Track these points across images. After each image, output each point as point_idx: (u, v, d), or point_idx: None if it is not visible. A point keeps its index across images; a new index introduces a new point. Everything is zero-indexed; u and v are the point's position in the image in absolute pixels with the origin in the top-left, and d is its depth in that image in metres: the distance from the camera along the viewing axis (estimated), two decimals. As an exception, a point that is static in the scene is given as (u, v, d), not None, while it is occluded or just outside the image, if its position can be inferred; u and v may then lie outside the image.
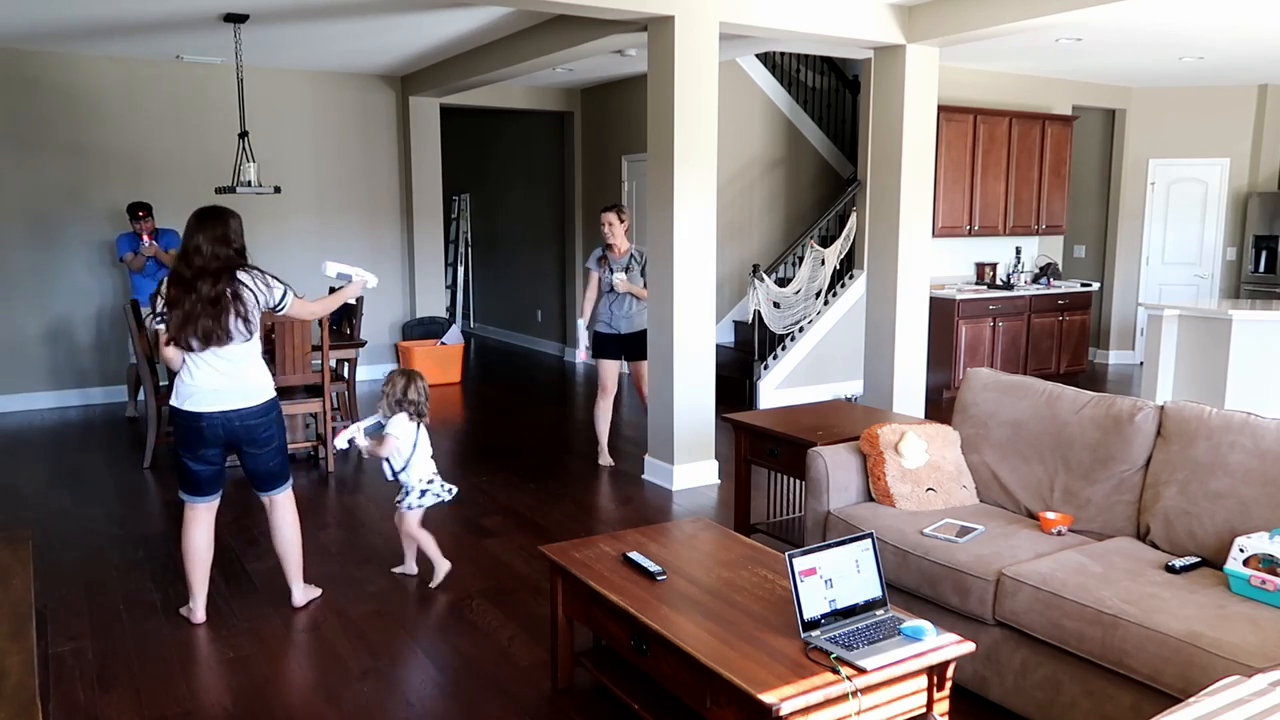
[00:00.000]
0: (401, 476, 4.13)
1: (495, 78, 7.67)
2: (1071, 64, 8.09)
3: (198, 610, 3.78)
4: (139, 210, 7.03)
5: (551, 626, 3.20)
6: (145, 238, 7.02)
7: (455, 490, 4.26)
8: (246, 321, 3.54)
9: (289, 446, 5.97)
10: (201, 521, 3.70)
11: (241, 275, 3.56)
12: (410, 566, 4.32)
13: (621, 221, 5.80)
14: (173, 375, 3.65)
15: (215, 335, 3.48)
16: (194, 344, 3.48)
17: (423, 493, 4.15)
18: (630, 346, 5.88)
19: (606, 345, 5.91)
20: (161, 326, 3.53)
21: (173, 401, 3.59)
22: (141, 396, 7.34)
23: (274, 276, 3.70)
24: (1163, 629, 2.57)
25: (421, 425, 4.19)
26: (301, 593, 3.93)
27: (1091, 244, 9.98)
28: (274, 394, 3.72)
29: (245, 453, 3.66)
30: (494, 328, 11.93)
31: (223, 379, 3.55)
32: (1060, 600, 2.80)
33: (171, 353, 3.56)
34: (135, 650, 3.53)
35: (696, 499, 5.34)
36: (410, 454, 4.12)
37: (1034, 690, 2.89)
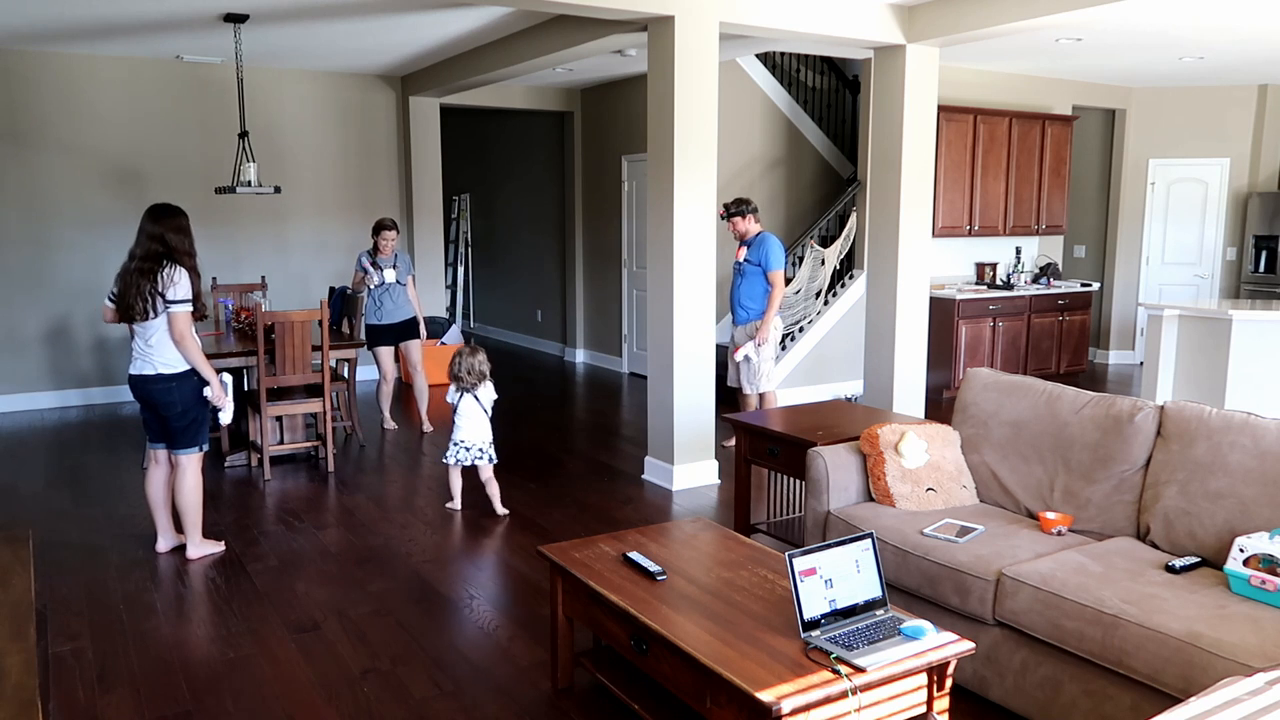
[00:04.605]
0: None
1: (495, 78, 7.67)
2: (1071, 64, 8.08)
3: None
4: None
5: (551, 626, 3.20)
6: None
7: (483, 458, 4.99)
8: None
9: (290, 447, 6.03)
10: None
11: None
12: (456, 504, 5.16)
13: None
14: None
15: None
16: None
17: (451, 449, 5.01)
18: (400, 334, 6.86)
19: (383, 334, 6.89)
20: None
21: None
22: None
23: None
24: (1163, 629, 2.57)
25: (467, 395, 4.94)
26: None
27: (1091, 244, 9.98)
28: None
29: None
30: (494, 328, 11.92)
31: None
32: (1060, 600, 2.80)
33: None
34: (135, 650, 3.54)
35: (696, 499, 5.34)
36: (453, 417, 5.03)
37: (1034, 690, 2.89)
